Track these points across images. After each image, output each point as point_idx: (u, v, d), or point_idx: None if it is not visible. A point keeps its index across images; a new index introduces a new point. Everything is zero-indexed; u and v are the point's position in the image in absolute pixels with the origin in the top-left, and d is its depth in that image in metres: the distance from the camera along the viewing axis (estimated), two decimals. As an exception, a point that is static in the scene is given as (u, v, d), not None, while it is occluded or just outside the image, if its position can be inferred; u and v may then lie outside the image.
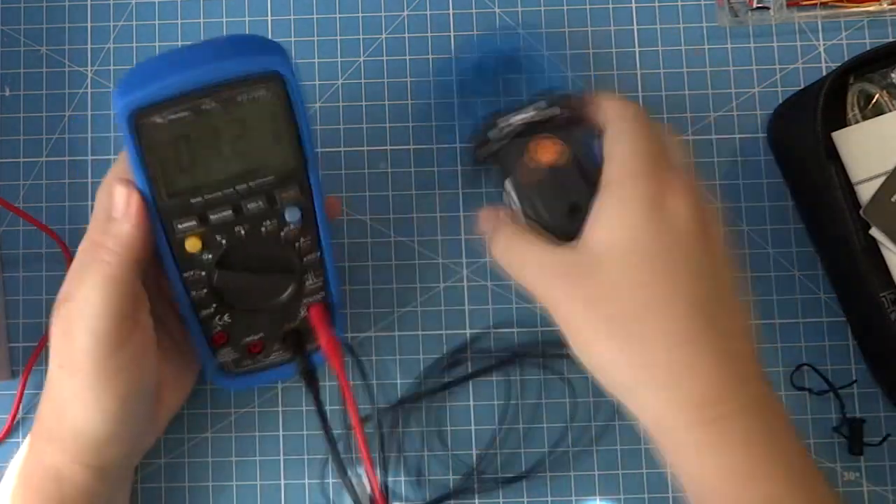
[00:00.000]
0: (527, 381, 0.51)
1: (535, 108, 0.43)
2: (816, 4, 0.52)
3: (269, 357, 0.46)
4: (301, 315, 0.45)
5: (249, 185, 0.40)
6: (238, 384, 0.47)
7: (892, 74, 0.48)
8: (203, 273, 0.42)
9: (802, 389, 0.51)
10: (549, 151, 0.42)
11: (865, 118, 0.48)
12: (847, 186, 0.47)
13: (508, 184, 0.44)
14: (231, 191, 0.40)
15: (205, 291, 0.43)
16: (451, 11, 0.54)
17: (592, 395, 0.50)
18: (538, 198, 0.43)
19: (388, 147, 0.53)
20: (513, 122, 0.44)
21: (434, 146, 0.52)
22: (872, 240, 0.47)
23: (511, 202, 0.44)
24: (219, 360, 0.45)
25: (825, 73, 0.50)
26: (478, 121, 0.45)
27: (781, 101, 0.52)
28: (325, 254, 0.44)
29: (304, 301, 0.45)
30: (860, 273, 0.47)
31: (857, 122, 0.48)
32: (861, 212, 0.46)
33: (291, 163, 0.40)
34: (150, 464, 0.50)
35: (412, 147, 0.52)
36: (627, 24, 0.53)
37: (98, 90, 0.53)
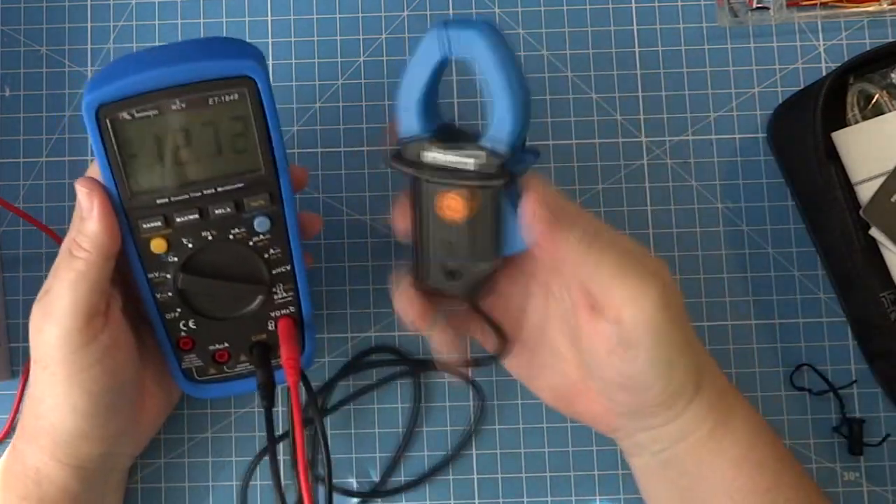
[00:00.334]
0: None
1: (477, 161, 0.39)
2: (816, 4, 0.52)
3: (236, 368, 0.45)
4: (269, 328, 0.44)
5: (217, 190, 0.40)
6: (203, 392, 0.46)
7: (892, 74, 0.48)
8: (168, 275, 0.42)
9: (802, 389, 0.51)
10: (455, 211, 0.40)
11: (865, 118, 0.48)
12: (847, 186, 0.47)
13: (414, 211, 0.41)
14: (198, 194, 0.40)
15: (170, 294, 0.42)
16: (451, 11, 0.53)
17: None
18: (431, 249, 0.41)
19: (388, 147, 0.52)
20: (445, 162, 0.39)
21: (434, 146, 0.52)
22: (872, 240, 0.47)
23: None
24: (184, 366, 0.45)
25: (825, 73, 0.50)
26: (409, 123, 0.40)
27: (781, 101, 0.52)
28: (296, 268, 0.43)
29: (273, 314, 0.44)
30: (860, 273, 0.47)
31: (857, 122, 0.48)
32: (861, 212, 0.46)
33: (261, 170, 0.40)
34: (150, 464, 0.50)
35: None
36: (627, 25, 0.53)
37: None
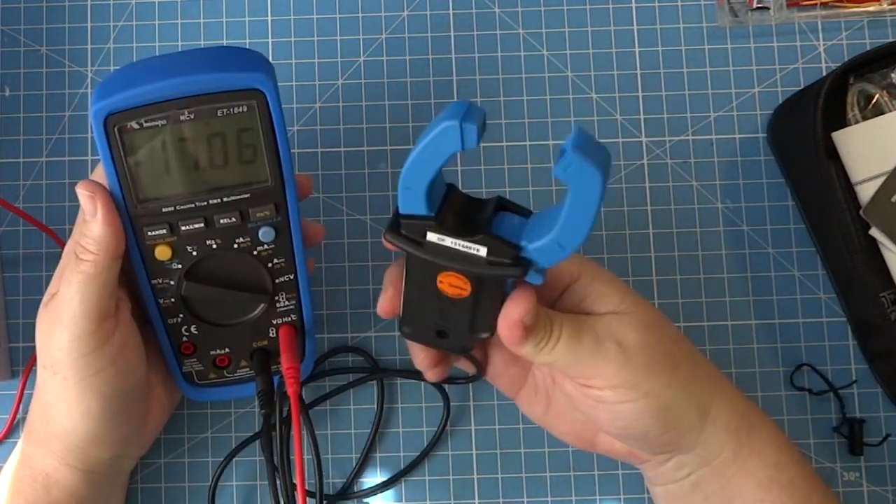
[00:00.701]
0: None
1: (490, 250, 0.35)
2: (816, 4, 0.52)
3: (236, 373, 0.46)
4: (271, 335, 0.45)
5: (223, 200, 0.40)
6: (204, 395, 0.47)
7: (892, 74, 0.48)
8: (171, 282, 0.42)
9: (802, 389, 0.51)
10: (458, 290, 0.38)
11: (865, 118, 0.48)
12: (847, 186, 0.47)
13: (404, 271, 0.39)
14: (204, 203, 0.40)
15: (172, 300, 0.43)
16: (451, 11, 0.54)
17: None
18: (426, 315, 0.39)
19: (388, 147, 0.53)
20: (452, 246, 0.36)
21: (434, 146, 0.52)
22: (872, 240, 0.47)
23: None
24: (184, 370, 0.45)
25: (825, 73, 0.50)
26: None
27: (781, 101, 0.52)
28: (300, 277, 0.43)
29: (275, 321, 0.44)
30: (860, 273, 0.47)
31: (857, 122, 0.48)
32: (861, 212, 0.46)
33: (268, 182, 0.40)
34: (151, 464, 0.50)
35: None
36: (627, 25, 0.53)
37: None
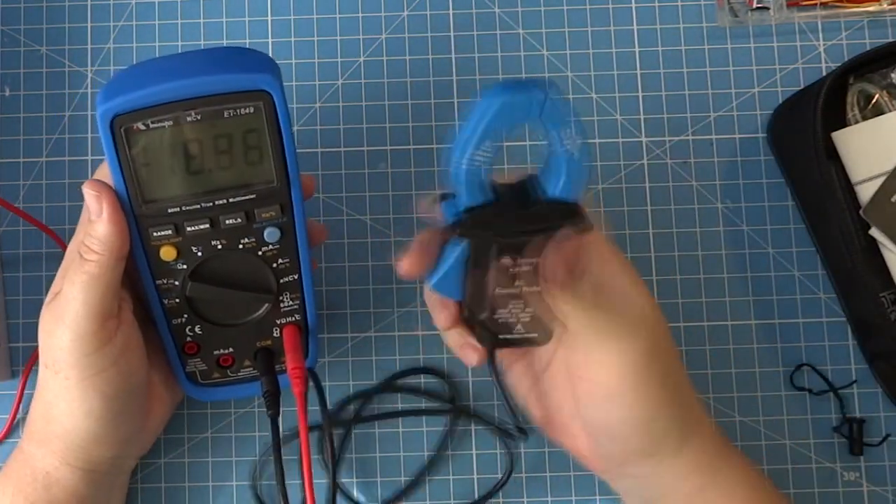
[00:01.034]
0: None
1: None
2: (816, 4, 0.52)
3: (240, 372, 0.46)
4: (274, 334, 0.45)
5: (228, 201, 0.40)
6: (207, 395, 0.46)
7: (892, 74, 0.48)
8: (176, 282, 0.42)
9: (802, 389, 0.51)
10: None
11: (865, 118, 0.48)
12: (847, 186, 0.47)
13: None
14: (209, 204, 0.40)
15: (177, 301, 0.43)
16: (451, 11, 0.54)
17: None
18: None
19: (388, 147, 0.53)
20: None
21: (434, 146, 0.52)
22: (872, 240, 0.47)
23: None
24: (188, 369, 0.45)
25: (825, 73, 0.50)
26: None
27: (781, 101, 0.52)
28: (304, 277, 0.43)
29: (279, 321, 0.44)
30: (860, 273, 0.47)
31: (857, 122, 0.48)
32: (861, 212, 0.46)
33: (274, 182, 0.40)
34: (151, 464, 0.50)
35: (412, 147, 0.53)
36: (627, 25, 0.53)
37: (98, 90, 0.53)
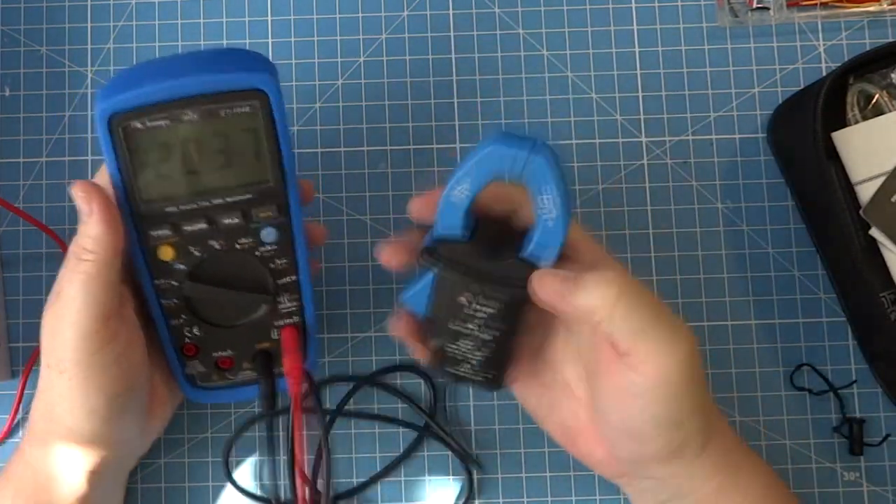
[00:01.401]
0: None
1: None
2: (816, 4, 0.52)
3: (239, 375, 0.46)
4: (273, 336, 0.45)
5: (225, 200, 0.40)
6: (206, 397, 0.46)
7: (892, 74, 0.48)
8: (175, 282, 0.42)
9: (802, 389, 0.51)
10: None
11: (865, 118, 0.48)
12: (847, 186, 0.47)
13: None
14: (206, 203, 0.40)
15: (175, 301, 0.43)
16: (451, 11, 0.54)
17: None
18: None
19: (388, 147, 0.53)
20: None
21: (434, 146, 0.52)
22: (872, 240, 0.47)
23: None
24: (187, 372, 0.45)
25: (825, 73, 0.50)
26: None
27: (781, 101, 0.52)
28: (302, 278, 0.43)
29: (277, 323, 0.44)
30: (860, 273, 0.47)
31: (857, 122, 0.48)
32: (861, 212, 0.46)
33: (270, 182, 0.40)
34: (150, 464, 0.50)
35: (412, 147, 0.53)
36: (627, 25, 0.53)
37: (97, 90, 0.53)
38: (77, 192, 0.39)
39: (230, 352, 0.45)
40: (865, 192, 0.47)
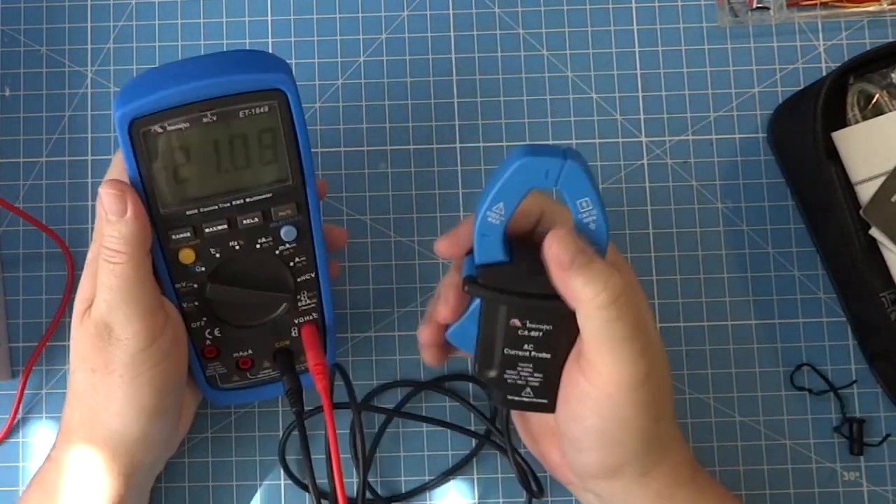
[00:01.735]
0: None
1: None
2: (816, 4, 0.52)
3: (259, 374, 0.46)
4: (293, 334, 0.45)
5: (245, 201, 0.40)
6: (226, 398, 0.47)
7: (892, 74, 0.48)
8: (195, 285, 0.42)
9: (802, 389, 0.51)
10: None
11: (865, 118, 0.48)
12: (847, 186, 0.47)
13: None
14: (227, 205, 0.40)
15: (196, 303, 0.43)
16: (451, 11, 0.54)
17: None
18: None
19: (388, 147, 0.53)
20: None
21: (434, 146, 0.53)
22: (872, 240, 0.47)
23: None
24: (208, 374, 0.45)
25: (825, 73, 0.50)
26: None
27: (781, 101, 0.52)
28: (320, 275, 0.43)
29: (297, 320, 0.44)
30: (860, 273, 0.47)
31: (857, 122, 0.48)
32: (861, 212, 0.46)
33: (289, 181, 0.40)
34: (150, 464, 0.50)
35: (412, 147, 0.53)
36: (627, 25, 0.53)
37: (98, 90, 0.53)
38: (109, 191, 0.39)
39: (250, 351, 0.45)
40: (865, 192, 0.47)
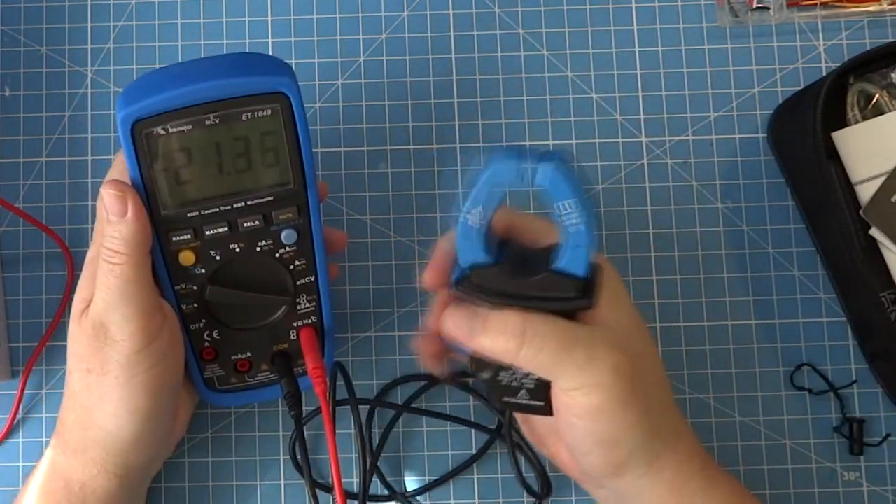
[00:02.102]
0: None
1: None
2: (816, 4, 0.52)
3: (257, 377, 0.46)
4: (291, 337, 0.45)
5: (246, 203, 0.40)
6: (224, 400, 0.47)
7: (892, 74, 0.48)
8: (195, 287, 0.42)
9: (802, 389, 0.51)
10: None
11: (865, 118, 0.48)
12: (847, 186, 0.47)
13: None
14: (228, 207, 0.40)
15: (195, 305, 0.43)
16: (451, 11, 0.54)
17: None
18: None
19: (388, 147, 0.53)
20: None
21: (434, 146, 0.53)
22: (872, 240, 0.47)
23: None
24: (206, 376, 0.45)
25: (825, 73, 0.50)
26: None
27: (781, 101, 0.52)
28: (320, 278, 0.43)
29: (295, 323, 0.44)
30: (860, 273, 0.47)
31: (857, 122, 0.48)
32: (861, 212, 0.46)
33: (290, 184, 0.40)
34: (150, 464, 0.50)
35: (412, 147, 0.53)
36: (627, 25, 0.53)
37: (98, 90, 0.53)
38: (110, 191, 0.39)
39: (248, 354, 0.45)
40: (865, 192, 0.47)
